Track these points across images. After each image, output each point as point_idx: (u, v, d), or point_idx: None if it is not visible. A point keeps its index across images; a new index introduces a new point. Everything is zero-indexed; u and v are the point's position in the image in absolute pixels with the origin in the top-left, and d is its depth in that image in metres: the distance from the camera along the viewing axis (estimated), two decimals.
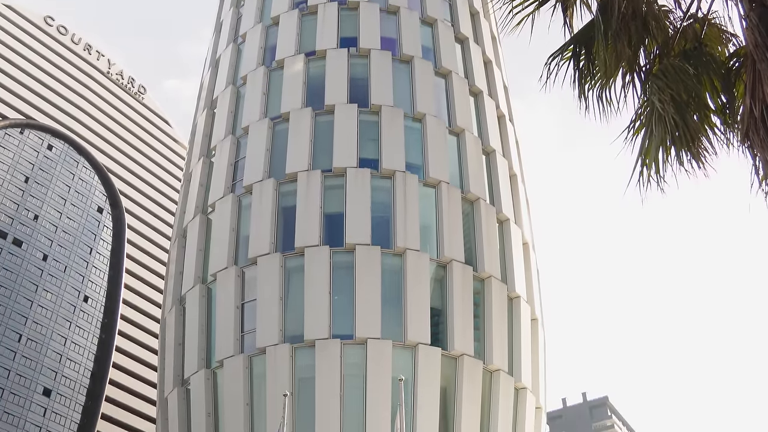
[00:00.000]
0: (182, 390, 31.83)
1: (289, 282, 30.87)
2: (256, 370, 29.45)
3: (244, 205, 33.75)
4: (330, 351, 28.65)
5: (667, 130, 7.26)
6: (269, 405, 28.11)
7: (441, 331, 30.30)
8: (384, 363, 28.40)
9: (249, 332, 30.44)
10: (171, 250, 38.54)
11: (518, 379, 31.72)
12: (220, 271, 32.32)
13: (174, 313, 34.20)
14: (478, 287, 32.08)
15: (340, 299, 29.96)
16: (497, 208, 34.86)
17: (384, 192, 32.48)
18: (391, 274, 30.55)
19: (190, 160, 40.27)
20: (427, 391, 28.34)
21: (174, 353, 33.13)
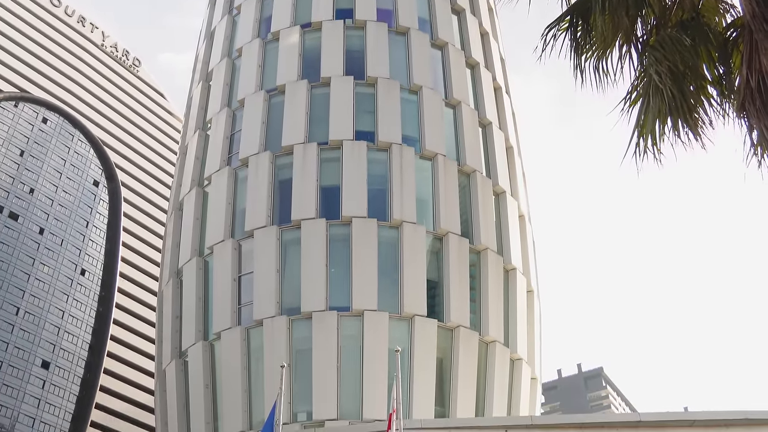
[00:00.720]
0: (180, 362, 32.01)
1: (285, 255, 30.93)
2: (254, 343, 29.61)
3: (240, 178, 33.70)
4: (327, 323, 28.80)
5: (664, 101, 7.26)
6: (267, 376, 28.29)
7: (437, 303, 30.45)
8: (380, 334, 28.56)
9: (246, 305, 30.56)
10: (167, 223, 38.55)
11: (514, 350, 31.94)
12: (217, 244, 32.37)
13: (171, 285, 34.28)
14: (474, 259, 32.19)
15: (336, 272, 30.04)
16: (493, 181, 34.87)
17: (380, 164, 32.45)
18: (388, 246, 30.63)
19: (186, 133, 40.13)
20: (424, 363, 28.54)
21: (171, 326, 33.28)
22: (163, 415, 32.71)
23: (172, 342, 32.84)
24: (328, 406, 27.26)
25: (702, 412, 18.64)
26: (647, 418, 18.39)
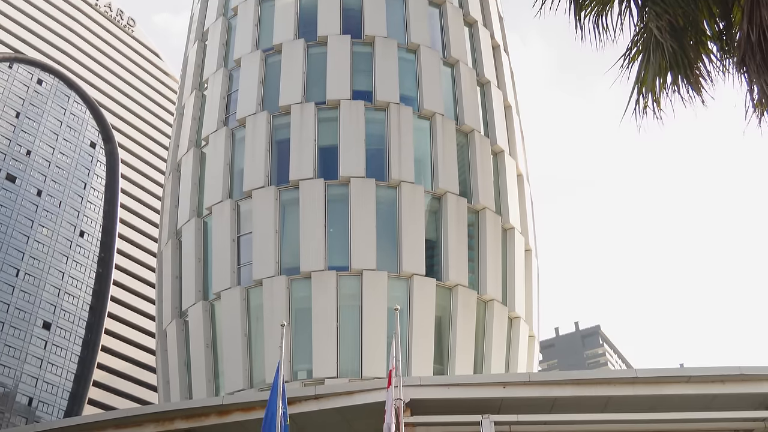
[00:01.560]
0: (180, 322, 32.23)
1: (284, 215, 30.96)
2: (253, 302, 29.79)
3: (237, 138, 33.58)
4: (326, 282, 28.93)
5: (664, 57, 7.20)
6: (267, 335, 28.52)
7: (436, 263, 30.57)
8: (379, 294, 28.73)
9: (245, 265, 30.67)
10: (165, 185, 38.48)
11: (512, 308, 32.16)
12: (215, 205, 32.37)
13: (170, 246, 34.37)
14: (473, 219, 32.23)
15: (335, 231, 30.10)
16: (492, 140, 34.76)
17: (378, 124, 32.31)
18: (386, 206, 30.64)
19: (182, 93, 39.85)
20: (422, 321, 28.76)
21: (171, 286, 33.43)
22: (164, 374, 33.03)
23: (172, 302, 33.02)
24: (328, 364, 27.53)
25: (697, 368, 18.81)
26: (643, 375, 18.56)
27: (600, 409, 18.54)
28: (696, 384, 18.31)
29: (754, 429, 18.12)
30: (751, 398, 18.36)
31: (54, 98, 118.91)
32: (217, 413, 18.63)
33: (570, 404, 18.34)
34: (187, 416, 18.69)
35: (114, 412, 20.31)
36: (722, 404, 18.39)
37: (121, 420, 19.15)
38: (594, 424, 18.01)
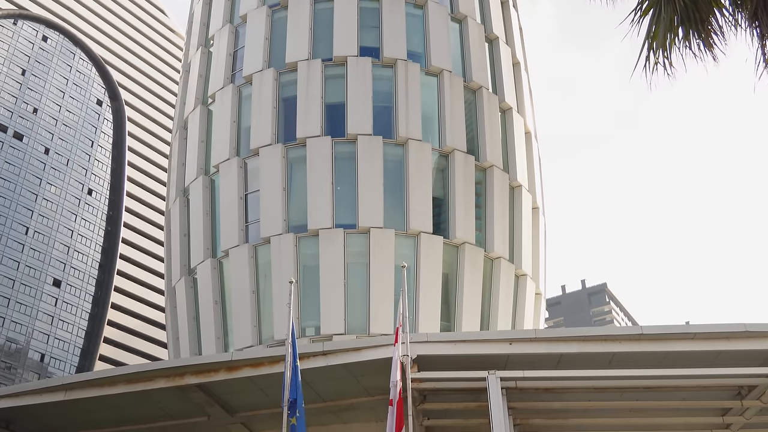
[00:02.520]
0: (189, 279, 32.47)
1: (291, 173, 30.95)
2: (261, 260, 29.95)
3: (244, 95, 33.42)
4: (333, 240, 29.04)
5: (675, 11, 7.10)
6: (275, 293, 28.73)
7: (443, 221, 30.61)
8: (387, 251, 28.83)
9: (253, 222, 30.77)
10: (172, 142, 38.45)
11: (518, 266, 32.26)
12: (223, 163, 32.36)
13: (178, 204, 34.46)
14: (480, 177, 32.17)
15: (342, 189, 30.11)
16: (500, 97, 34.51)
17: (385, 81, 32.09)
18: (393, 164, 30.59)
19: (188, 50, 39.57)
20: (429, 278, 28.90)
21: (180, 244, 33.60)
22: (174, 331, 33.39)
23: (181, 260, 33.23)
24: (336, 321, 27.77)
25: (703, 325, 18.87)
26: (649, 331, 18.64)
27: (605, 365, 18.68)
28: (701, 341, 18.39)
29: (758, 385, 18.24)
30: (755, 355, 18.45)
31: (59, 55, 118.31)
32: (226, 369, 18.81)
33: (575, 360, 18.46)
34: (197, 371, 18.89)
35: (125, 367, 20.58)
36: (727, 361, 18.50)
37: (132, 375, 19.39)
38: (599, 380, 18.16)
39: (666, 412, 19.71)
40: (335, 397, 19.75)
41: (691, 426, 20.26)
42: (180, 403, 19.96)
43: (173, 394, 19.41)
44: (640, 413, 19.71)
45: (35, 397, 19.87)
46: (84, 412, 20.35)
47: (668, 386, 18.44)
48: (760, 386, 18.23)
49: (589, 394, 18.77)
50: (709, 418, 19.92)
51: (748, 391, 18.65)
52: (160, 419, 20.88)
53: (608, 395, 18.89)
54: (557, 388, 18.40)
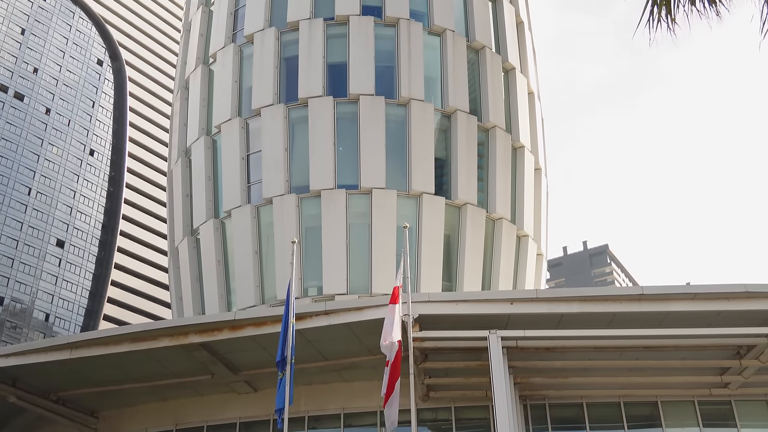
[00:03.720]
0: (192, 239, 32.56)
1: (293, 133, 30.85)
2: (264, 220, 30.00)
3: (245, 55, 33.16)
4: (335, 201, 29.04)
5: None
6: (277, 253, 28.84)
7: (445, 182, 30.56)
8: (389, 212, 28.85)
9: (255, 183, 30.75)
10: (174, 103, 38.26)
11: (520, 227, 32.30)
12: (224, 123, 32.23)
13: (180, 165, 34.41)
14: (483, 137, 32.04)
15: (344, 150, 30.03)
16: (503, 57, 34.22)
17: (388, 40, 31.79)
18: (396, 124, 30.46)
19: (189, 9, 39.17)
20: (431, 239, 28.96)
21: (182, 204, 33.62)
22: (177, 291, 33.58)
23: (184, 220, 33.28)
24: (338, 281, 27.90)
25: (703, 285, 18.94)
26: (649, 292, 18.73)
27: (605, 325, 18.82)
28: (701, 301, 18.50)
29: (756, 345, 18.40)
30: (755, 315, 18.59)
31: (59, 14, 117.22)
32: (229, 328, 19.00)
33: (576, 320, 18.61)
34: (200, 331, 19.08)
35: (130, 326, 20.77)
36: (726, 321, 18.64)
37: (137, 334, 19.59)
38: (599, 340, 18.31)
39: (665, 372, 19.92)
40: (337, 355, 19.96)
41: (690, 385, 20.49)
42: (184, 361, 20.19)
43: (177, 352, 19.62)
44: (639, 372, 19.93)
45: (41, 356, 20.10)
46: (89, 370, 20.60)
47: (668, 346, 18.60)
48: (759, 346, 18.38)
49: (589, 353, 18.95)
50: (707, 378, 20.14)
51: (746, 350, 18.81)
52: (165, 377, 21.14)
53: (608, 354, 19.07)
54: (558, 348, 18.57)
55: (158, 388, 21.84)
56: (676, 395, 20.80)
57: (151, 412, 22.91)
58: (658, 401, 20.76)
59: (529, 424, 20.56)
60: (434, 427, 21.12)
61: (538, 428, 20.69)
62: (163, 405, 22.80)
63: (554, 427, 20.74)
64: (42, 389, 21.63)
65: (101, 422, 23.39)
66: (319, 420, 21.46)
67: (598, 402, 20.90)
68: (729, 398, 20.74)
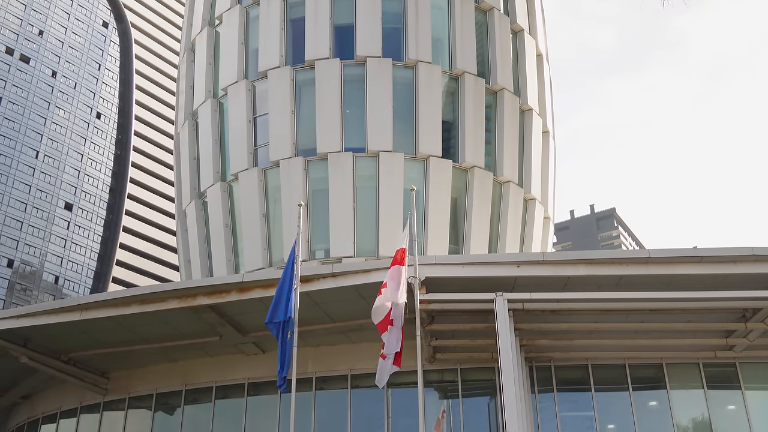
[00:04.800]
0: (200, 202, 32.63)
1: (300, 96, 30.71)
2: (271, 183, 30.02)
3: (251, 16, 32.89)
4: (342, 164, 29.01)
5: None
6: (284, 216, 28.90)
7: (452, 145, 30.46)
8: (396, 175, 28.82)
9: (262, 146, 30.71)
10: (180, 65, 38.07)
11: (528, 190, 32.24)
12: (231, 86, 32.09)
13: (187, 128, 34.36)
14: (490, 100, 31.85)
15: (351, 112, 29.92)
16: (511, 18, 33.85)
17: (395, 2, 31.45)
18: (403, 86, 30.28)
19: None
20: (438, 202, 28.95)
21: (189, 167, 33.64)
22: (185, 254, 33.76)
23: (191, 183, 33.33)
24: (345, 243, 27.99)
25: (710, 249, 18.87)
26: (656, 255, 18.71)
27: (612, 288, 18.85)
28: (708, 264, 18.49)
29: (762, 307, 18.45)
30: (761, 278, 18.58)
31: None
32: (237, 290, 19.12)
33: (582, 283, 18.64)
34: (208, 293, 19.20)
35: (138, 288, 20.91)
36: (733, 284, 18.64)
37: (145, 296, 19.73)
38: (606, 302, 18.36)
39: (671, 334, 20.01)
40: (344, 317, 20.09)
41: (695, 347, 20.60)
42: (193, 323, 20.37)
43: (186, 314, 19.79)
44: (645, 335, 20.02)
45: (52, 317, 20.30)
46: (99, 331, 20.82)
47: (674, 308, 18.66)
48: (765, 309, 18.43)
49: (595, 315, 19.03)
50: (712, 340, 20.24)
51: (752, 313, 18.87)
52: (174, 339, 21.35)
53: (614, 317, 19.15)
54: (563, 310, 18.65)
55: (167, 349, 22.07)
56: (681, 357, 20.92)
57: (161, 372, 23.19)
58: (663, 363, 20.89)
59: (534, 385, 20.74)
60: (440, 388, 21.33)
61: (544, 390, 20.88)
62: (173, 366, 23.07)
63: (559, 388, 20.92)
64: (53, 350, 21.90)
65: (112, 382, 23.70)
66: (326, 381, 21.70)
67: (604, 364, 21.04)
68: (734, 360, 20.85)
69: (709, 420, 20.30)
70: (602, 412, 20.61)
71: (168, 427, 22.99)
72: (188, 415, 22.82)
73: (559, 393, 20.88)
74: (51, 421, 25.12)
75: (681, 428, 20.32)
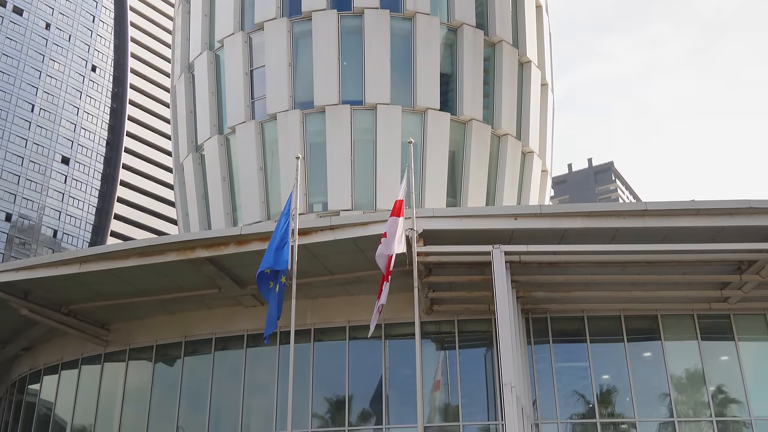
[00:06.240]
0: (197, 156, 32.53)
1: (297, 48, 30.41)
2: (268, 136, 29.90)
3: None
4: (340, 117, 28.87)
5: None
6: (282, 169, 28.85)
7: (450, 98, 30.28)
8: (393, 128, 28.70)
9: (259, 99, 30.52)
10: (175, 17, 37.62)
11: (526, 143, 32.16)
12: (227, 38, 31.76)
13: (183, 81, 34.09)
14: (489, 52, 31.57)
15: (348, 65, 29.66)
16: None
17: None
18: (401, 38, 29.98)
19: None
20: (436, 155, 28.89)
21: (186, 120, 33.46)
22: (183, 208, 33.77)
23: (188, 136, 33.18)
24: (343, 197, 28.00)
25: (707, 201, 18.87)
26: (653, 207, 18.71)
27: (608, 241, 18.92)
28: (704, 217, 18.52)
29: (758, 260, 18.57)
30: (757, 231, 18.64)
31: None
32: (236, 242, 19.17)
33: (579, 236, 18.70)
34: (207, 245, 19.25)
35: (137, 241, 20.96)
36: (729, 236, 18.71)
37: (144, 249, 19.78)
38: (602, 255, 18.46)
39: (666, 286, 20.17)
40: (343, 270, 20.21)
41: (690, 299, 20.80)
42: (191, 276, 20.48)
43: (185, 267, 19.88)
44: (640, 287, 20.19)
45: (51, 270, 20.39)
46: (98, 284, 20.94)
47: (670, 261, 18.78)
48: (760, 261, 18.56)
49: (592, 268, 19.17)
50: (708, 292, 20.42)
51: (747, 265, 19.01)
52: (173, 291, 21.49)
53: (610, 269, 19.28)
54: (560, 263, 18.77)
55: (167, 301, 22.23)
56: (675, 309, 21.14)
57: (161, 324, 23.40)
58: (658, 315, 21.11)
59: (530, 336, 20.98)
60: (437, 339, 21.57)
61: (540, 341, 21.12)
62: (172, 318, 23.27)
63: (555, 339, 21.17)
64: (53, 302, 22.05)
65: (112, 334, 23.93)
66: (324, 332, 21.92)
67: (599, 315, 21.26)
68: (728, 312, 21.08)
69: (703, 370, 20.60)
70: (597, 362, 20.89)
71: (168, 377, 23.29)
72: (188, 366, 23.09)
73: (554, 344, 21.13)
74: (53, 372, 25.42)
75: (674, 378, 20.63)
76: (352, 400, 21.10)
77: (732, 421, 20.25)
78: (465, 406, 20.46)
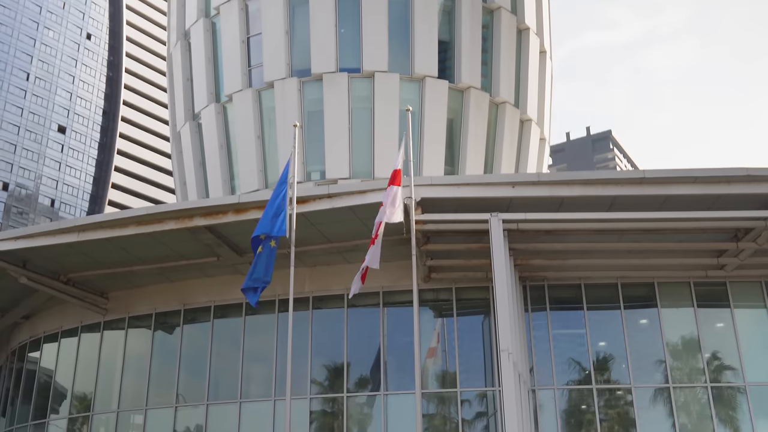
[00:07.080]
0: (194, 124, 32.42)
1: (293, 15, 30.15)
2: (265, 104, 29.78)
3: None
4: (337, 84, 28.72)
5: None
6: (279, 137, 28.78)
7: (448, 66, 30.12)
8: (391, 95, 28.58)
9: (256, 66, 30.34)
10: None
11: (524, 111, 32.06)
12: (223, 4, 31.49)
13: (179, 48, 33.85)
14: (487, 20, 31.34)
15: (346, 32, 29.45)
16: None
17: None
18: (399, 5, 29.72)
19: None
20: (434, 123, 28.81)
21: (183, 89, 33.28)
22: (181, 176, 33.72)
23: (185, 105, 33.04)
24: (341, 165, 27.97)
25: (704, 169, 18.87)
26: (651, 175, 18.72)
27: (606, 208, 18.96)
28: (702, 184, 18.54)
29: (755, 227, 18.62)
30: (755, 198, 18.68)
31: None
32: (234, 211, 19.17)
33: (577, 204, 18.73)
34: (205, 213, 19.26)
35: (135, 209, 20.94)
36: (726, 204, 18.76)
37: (142, 217, 19.79)
38: (599, 222, 18.51)
39: (663, 254, 20.26)
40: (340, 238, 20.26)
41: (686, 267, 20.90)
42: (190, 244, 20.51)
43: (183, 235, 19.91)
44: (637, 254, 20.27)
45: (49, 238, 20.41)
46: (97, 252, 20.98)
47: (667, 228, 18.84)
48: (757, 229, 18.62)
49: (589, 236, 19.22)
50: (704, 260, 20.51)
51: (744, 233, 19.07)
52: (172, 260, 21.54)
53: (607, 237, 19.35)
54: (558, 230, 18.82)
55: (166, 270, 22.30)
56: (672, 277, 21.24)
57: (160, 292, 23.48)
58: (654, 282, 21.22)
59: (527, 304, 21.11)
60: (435, 306, 21.69)
61: (537, 308, 21.26)
62: (171, 286, 23.35)
63: (552, 307, 21.31)
64: (52, 271, 22.10)
65: (111, 302, 24.03)
66: (323, 300, 22.03)
67: (596, 283, 21.36)
68: (724, 280, 21.18)
69: (698, 337, 20.77)
70: (594, 329, 21.05)
71: (167, 345, 23.44)
72: (187, 334, 23.24)
73: (552, 311, 21.27)
74: (52, 340, 25.57)
75: (670, 345, 20.80)
76: (350, 367, 21.28)
77: (727, 387, 20.45)
78: (462, 372, 20.65)
